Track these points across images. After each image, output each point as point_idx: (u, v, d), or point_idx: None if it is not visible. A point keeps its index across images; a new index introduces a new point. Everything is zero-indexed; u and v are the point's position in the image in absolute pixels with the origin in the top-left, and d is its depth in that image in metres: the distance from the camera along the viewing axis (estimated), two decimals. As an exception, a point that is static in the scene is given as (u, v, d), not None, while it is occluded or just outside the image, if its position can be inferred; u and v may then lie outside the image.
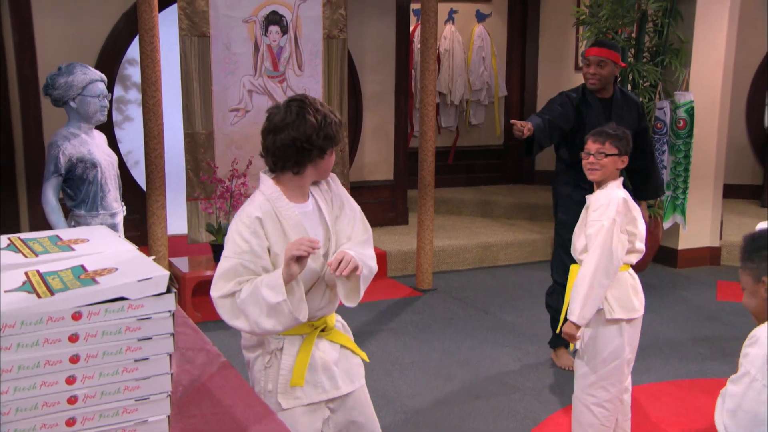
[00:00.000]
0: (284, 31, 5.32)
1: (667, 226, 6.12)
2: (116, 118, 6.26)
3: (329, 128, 2.23)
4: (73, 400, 1.39)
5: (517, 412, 3.77)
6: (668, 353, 4.55)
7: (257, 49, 5.26)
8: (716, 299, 5.61)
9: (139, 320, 1.41)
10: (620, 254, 2.96)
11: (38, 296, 1.36)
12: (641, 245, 3.07)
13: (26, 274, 1.47)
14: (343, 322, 2.49)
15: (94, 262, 1.53)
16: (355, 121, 6.73)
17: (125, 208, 3.84)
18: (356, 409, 2.42)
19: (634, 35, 6.16)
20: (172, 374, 1.48)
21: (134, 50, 5.63)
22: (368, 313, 5.18)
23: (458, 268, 6.39)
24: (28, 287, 1.40)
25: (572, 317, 2.98)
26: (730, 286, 5.89)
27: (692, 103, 5.91)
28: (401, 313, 5.27)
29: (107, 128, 5.31)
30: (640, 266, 3.16)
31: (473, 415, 3.74)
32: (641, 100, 5.45)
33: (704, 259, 6.48)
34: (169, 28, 5.59)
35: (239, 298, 2.14)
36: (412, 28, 7.36)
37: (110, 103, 4.39)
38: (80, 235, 1.76)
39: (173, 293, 1.44)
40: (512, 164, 8.56)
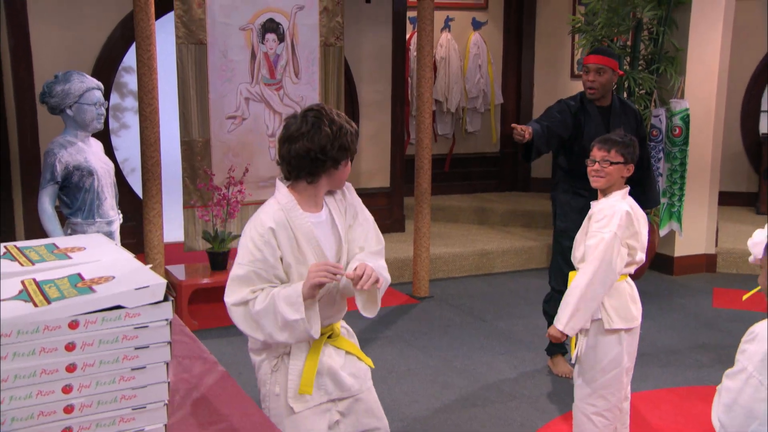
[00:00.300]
0: (281, 38, 5.33)
1: (663, 233, 6.13)
2: (113, 125, 6.27)
3: (344, 139, 2.24)
4: (69, 409, 1.38)
5: (513, 419, 3.77)
6: (666, 360, 4.55)
7: (254, 56, 5.26)
8: (712, 306, 5.62)
9: (136, 329, 1.40)
10: (619, 268, 2.94)
11: (35, 305, 1.35)
12: (642, 256, 3.04)
13: (23, 282, 1.46)
14: (347, 327, 2.53)
15: (90, 270, 1.52)
16: (351, 128, 6.73)
17: (122, 215, 3.83)
18: (368, 412, 2.45)
19: (629, 43, 6.19)
20: (169, 383, 1.47)
21: (131, 58, 5.63)
22: (365, 320, 5.13)
23: (455, 275, 6.39)
24: (24, 296, 1.39)
25: (559, 326, 2.97)
26: (726, 293, 5.90)
27: (687, 110, 5.93)
28: (398, 320, 5.26)
29: (104, 136, 5.31)
30: (636, 274, 3.16)
31: (470, 422, 3.73)
32: (637, 107, 5.46)
33: (700, 266, 6.50)
34: (165, 35, 5.60)
35: (254, 308, 2.17)
36: (408, 35, 7.38)
37: (107, 110, 4.38)
38: (77, 243, 1.75)
39: (170, 302, 1.43)
40: (509, 171, 8.58)
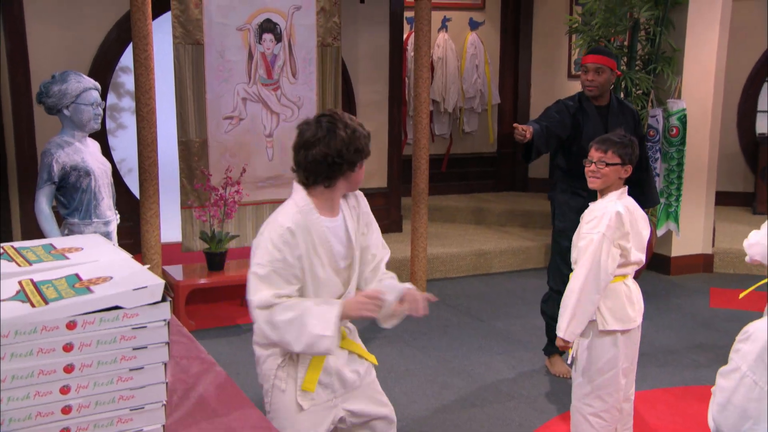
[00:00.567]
0: (278, 39, 5.33)
1: (660, 233, 6.14)
2: (110, 125, 6.25)
3: (358, 142, 2.30)
4: (67, 409, 1.38)
5: (512, 419, 3.77)
6: (663, 360, 4.56)
7: (251, 57, 5.26)
8: (709, 306, 5.63)
9: (134, 329, 1.40)
10: (610, 269, 2.92)
11: (32, 305, 1.35)
12: (639, 256, 3.01)
13: (20, 283, 1.46)
14: (351, 326, 2.59)
15: (88, 270, 1.52)
16: (348, 128, 6.72)
17: (119, 216, 3.82)
18: (372, 400, 2.57)
19: (626, 43, 6.20)
20: (167, 383, 1.47)
21: (128, 58, 5.62)
22: (363, 320, 5.15)
23: (452, 275, 6.39)
24: (22, 296, 1.39)
25: (559, 333, 2.97)
26: (723, 293, 5.91)
27: (684, 110, 5.94)
28: (395, 320, 5.25)
29: (101, 136, 5.30)
30: (635, 274, 3.15)
31: (469, 422, 3.73)
32: (635, 107, 5.47)
33: (697, 266, 6.50)
34: (162, 35, 5.58)
35: (278, 316, 2.22)
36: (405, 36, 7.38)
37: (104, 111, 4.38)
38: (74, 243, 1.75)
39: (168, 302, 1.43)
40: (506, 171, 8.58)
